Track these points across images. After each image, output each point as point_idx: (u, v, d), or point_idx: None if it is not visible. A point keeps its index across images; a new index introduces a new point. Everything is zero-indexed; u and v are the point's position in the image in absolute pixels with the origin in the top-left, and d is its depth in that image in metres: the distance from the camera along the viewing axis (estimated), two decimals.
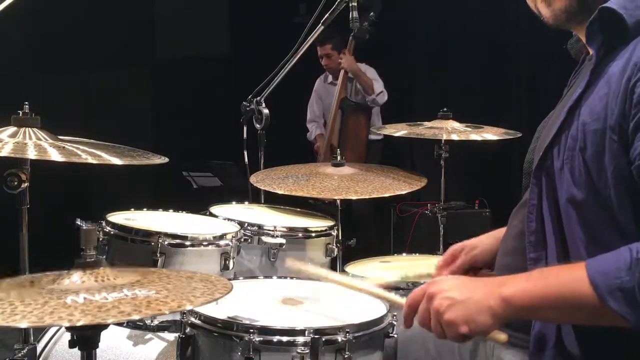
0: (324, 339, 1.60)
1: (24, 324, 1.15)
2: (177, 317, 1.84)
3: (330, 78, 5.21)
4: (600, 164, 1.25)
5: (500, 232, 1.64)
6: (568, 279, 1.21)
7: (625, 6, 1.28)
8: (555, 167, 1.35)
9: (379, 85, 4.93)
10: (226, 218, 2.49)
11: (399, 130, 2.84)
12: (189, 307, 1.25)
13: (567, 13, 1.38)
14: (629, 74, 1.22)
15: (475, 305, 1.26)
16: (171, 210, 2.55)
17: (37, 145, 1.76)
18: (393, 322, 1.73)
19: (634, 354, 1.27)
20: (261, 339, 1.60)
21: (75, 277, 1.35)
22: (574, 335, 1.32)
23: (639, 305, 1.13)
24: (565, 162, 1.32)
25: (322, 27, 2.78)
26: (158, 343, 2.10)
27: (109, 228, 2.19)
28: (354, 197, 2.39)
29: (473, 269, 1.72)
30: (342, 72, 4.94)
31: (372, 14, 4.48)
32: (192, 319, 1.70)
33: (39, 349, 2.06)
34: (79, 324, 1.15)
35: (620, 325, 1.16)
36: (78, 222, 1.98)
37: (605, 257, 1.19)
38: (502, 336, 1.33)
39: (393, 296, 1.56)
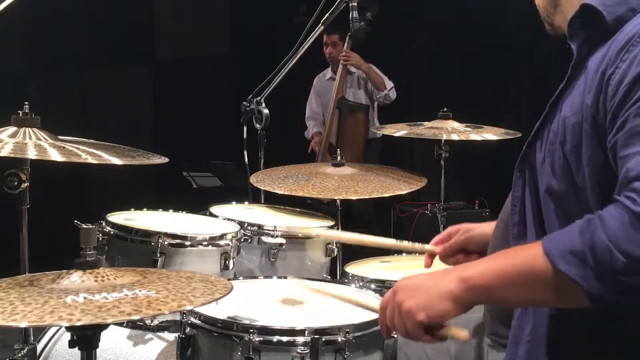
0: (323, 339, 1.60)
1: (24, 324, 1.15)
2: (177, 317, 1.84)
3: (329, 74, 5.21)
4: (578, 157, 1.26)
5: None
6: (524, 254, 1.21)
7: (605, 3, 1.30)
8: (537, 160, 1.37)
9: (388, 81, 4.94)
10: (226, 218, 2.50)
11: (399, 130, 2.83)
12: (189, 307, 1.24)
13: (549, 32, 1.47)
14: (603, 67, 1.24)
15: (434, 290, 1.25)
16: (171, 210, 2.55)
17: (37, 145, 1.76)
18: None
19: (605, 344, 1.27)
20: (261, 339, 1.60)
21: (75, 277, 1.35)
22: (547, 328, 1.33)
23: (590, 268, 1.11)
24: (547, 156, 1.33)
25: (322, 27, 2.78)
26: (158, 343, 2.10)
27: (109, 228, 2.19)
28: (354, 197, 2.39)
29: (465, 252, 1.73)
30: (339, 70, 4.93)
31: (368, 13, 4.48)
32: (192, 319, 1.70)
33: (39, 349, 2.06)
34: (79, 323, 1.15)
35: (576, 298, 1.13)
36: (76, 222, 1.97)
37: (560, 230, 1.20)
38: (463, 333, 1.30)
39: (370, 302, 1.56)
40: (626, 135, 1.16)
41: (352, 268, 2.27)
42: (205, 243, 2.19)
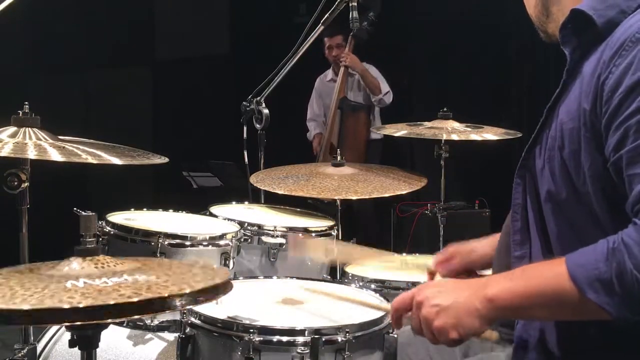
0: (323, 339, 1.60)
1: (25, 306, 1.15)
2: (177, 316, 1.84)
3: (329, 75, 5.21)
4: (578, 162, 1.27)
5: (498, 237, 1.66)
6: (548, 275, 1.22)
7: (595, 7, 1.30)
8: (537, 166, 1.37)
9: (385, 85, 4.93)
10: (226, 218, 2.49)
11: (399, 130, 2.84)
12: (188, 290, 1.24)
13: (544, 39, 1.47)
14: (598, 72, 1.24)
15: (462, 309, 1.28)
16: (171, 210, 2.55)
17: (37, 145, 1.76)
18: None
19: (615, 351, 1.28)
20: (261, 339, 1.60)
21: (75, 265, 1.35)
22: (556, 335, 1.33)
23: (617, 295, 1.14)
24: (546, 161, 1.34)
25: (322, 27, 2.78)
26: (158, 343, 2.10)
27: (109, 228, 2.19)
28: (354, 197, 2.39)
29: (468, 272, 1.73)
30: (341, 71, 4.93)
31: (371, 13, 4.48)
32: (192, 319, 1.70)
33: (39, 349, 2.06)
34: (80, 306, 1.14)
35: (603, 318, 1.17)
36: (76, 210, 1.96)
37: (583, 251, 1.20)
38: (494, 334, 1.34)
39: (379, 303, 1.57)
40: (631, 153, 1.17)
41: (352, 268, 2.27)
42: (205, 243, 2.19)
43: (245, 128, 3.09)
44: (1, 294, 1.19)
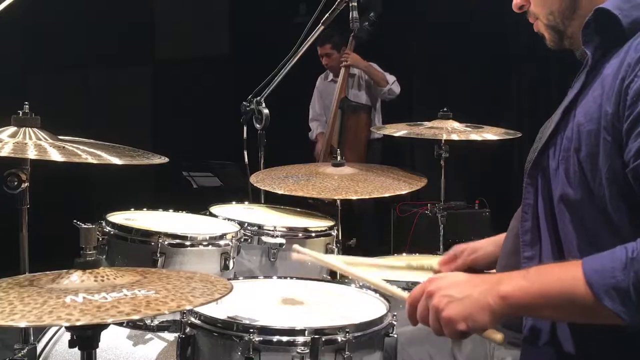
0: (323, 339, 1.60)
1: (22, 324, 1.15)
2: (177, 317, 1.84)
3: (331, 76, 5.21)
4: (595, 164, 1.26)
5: (502, 237, 1.65)
6: (564, 277, 1.21)
7: (620, 7, 1.29)
8: (550, 167, 1.36)
9: (390, 76, 4.95)
10: (226, 218, 2.49)
11: (399, 130, 2.84)
12: (188, 307, 1.24)
13: (554, 43, 1.45)
14: (622, 74, 1.23)
15: (474, 303, 1.26)
16: (171, 210, 2.55)
17: (37, 145, 1.76)
18: (393, 322, 1.73)
19: (628, 351, 1.27)
20: (261, 339, 1.60)
21: (75, 277, 1.35)
22: (569, 332, 1.33)
23: (633, 304, 1.14)
24: (561, 162, 1.33)
25: (322, 27, 2.78)
26: (158, 343, 2.10)
27: (109, 228, 2.19)
28: (354, 197, 2.39)
29: (472, 271, 1.73)
30: (342, 71, 4.94)
31: (372, 14, 4.49)
32: (192, 319, 1.70)
33: (39, 349, 2.06)
34: (77, 323, 1.15)
35: (615, 323, 1.17)
36: (76, 222, 1.97)
37: (601, 256, 1.19)
38: (499, 336, 1.33)
39: (396, 290, 1.56)
40: None
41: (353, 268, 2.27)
42: (205, 243, 2.19)
43: (245, 128, 3.09)
44: (0, 309, 1.20)
